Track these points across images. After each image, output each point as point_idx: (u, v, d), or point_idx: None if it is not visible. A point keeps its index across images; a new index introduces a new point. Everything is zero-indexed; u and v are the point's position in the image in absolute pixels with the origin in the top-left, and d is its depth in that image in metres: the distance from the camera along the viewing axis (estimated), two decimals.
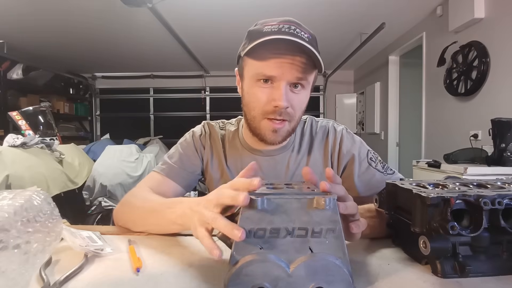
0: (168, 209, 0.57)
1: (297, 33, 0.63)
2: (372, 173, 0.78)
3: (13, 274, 0.35)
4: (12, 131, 2.31)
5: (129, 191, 0.76)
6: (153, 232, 0.63)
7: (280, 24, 0.64)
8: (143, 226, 0.64)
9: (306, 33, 0.65)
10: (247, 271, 0.36)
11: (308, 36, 0.65)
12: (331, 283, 0.36)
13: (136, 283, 0.43)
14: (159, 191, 0.75)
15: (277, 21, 0.65)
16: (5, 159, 1.76)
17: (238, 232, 0.36)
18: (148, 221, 0.63)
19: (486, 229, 0.43)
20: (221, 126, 0.88)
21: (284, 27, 0.64)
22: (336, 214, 0.38)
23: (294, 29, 0.64)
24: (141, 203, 0.67)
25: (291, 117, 0.69)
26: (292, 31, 0.63)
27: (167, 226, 0.58)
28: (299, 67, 0.64)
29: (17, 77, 3.84)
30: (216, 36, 3.60)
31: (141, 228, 0.65)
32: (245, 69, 0.70)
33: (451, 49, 2.64)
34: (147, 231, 0.64)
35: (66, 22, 3.22)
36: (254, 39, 0.63)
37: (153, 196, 0.71)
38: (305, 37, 0.64)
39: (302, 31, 0.65)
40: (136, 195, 0.73)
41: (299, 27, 0.65)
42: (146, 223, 0.64)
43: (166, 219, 0.56)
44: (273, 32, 0.63)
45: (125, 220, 0.69)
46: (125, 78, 5.57)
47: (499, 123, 1.82)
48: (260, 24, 0.68)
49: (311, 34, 0.67)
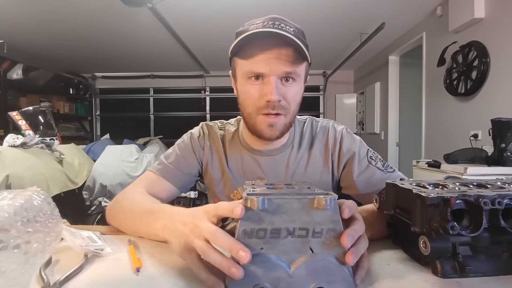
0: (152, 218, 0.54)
1: (282, 28, 0.64)
2: (372, 171, 0.78)
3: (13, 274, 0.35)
4: (12, 131, 2.31)
5: (122, 190, 0.75)
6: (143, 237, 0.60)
7: (265, 21, 0.66)
8: (132, 232, 0.62)
9: (291, 27, 0.66)
10: (248, 271, 0.36)
11: (293, 30, 0.66)
12: (332, 283, 0.36)
13: (136, 283, 0.43)
14: (153, 191, 0.75)
15: (262, 19, 0.67)
16: (5, 159, 1.76)
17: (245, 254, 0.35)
18: (135, 227, 0.61)
19: (486, 229, 0.43)
20: (219, 127, 0.88)
21: (269, 24, 0.65)
22: (337, 214, 0.38)
23: (279, 24, 0.65)
24: (129, 207, 0.65)
25: (285, 110, 0.70)
26: (277, 26, 0.64)
27: (151, 236, 0.56)
28: (286, 61, 0.65)
29: (17, 77, 3.83)
30: (216, 36, 3.60)
31: (130, 233, 0.62)
32: (236, 69, 0.72)
33: (451, 49, 2.64)
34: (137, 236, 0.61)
35: (66, 22, 3.22)
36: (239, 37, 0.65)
37: (144, 198, 0.69)
38: (290, 30, 0.65)
39: (287, 26, 0.66)
40: (127, 196, 0.71)
41: (283, 22, 0.66)
42: (133, 230, 0.61)
43: (148, 227, 0.54)
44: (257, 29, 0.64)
45: (116, 223, 0.67)
46: (125, 78, 5.57)
47: (499, 123, 1.82)
48: (246, 25, 0.69)
49: (297, 28, 0.68)
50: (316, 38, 3.68)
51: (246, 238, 0.37)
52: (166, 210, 0.53)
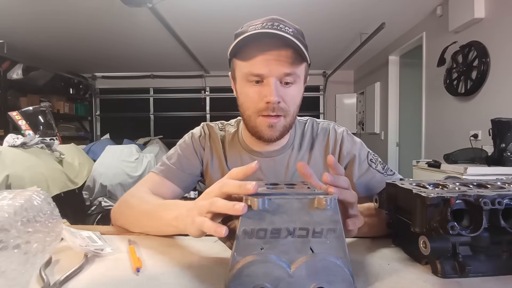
0: (164, 211, 0.57)
1: (281, 29, 0.64)
2: (372, 174, 0.78)
3: (13, 274, 0.35)
4: (12, 131, 2.31)
5: (127, 191, 0.76)
6: (149, 233, 0.63)
7: (263, 23, 0.65)
8: (140, 228, 0.64)
9: (290, 27, 0.66)
10: (248, 271, 0.36)
11: (292, 30, 0.66)
12: (332, 283, 0.36)
13: (136, 283, 0.43)
14: (157, 192, 0.75)
15: (260, 20, 0.67)
16: (5, 159, 1.76)
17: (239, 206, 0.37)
18: (144, 222, 0.63)
19: (486, 229, 0.43)
20: (220, 127, 0.88)
21: (267, 25, 0.65)
22: (337, 214, 0.38)
23: (278, 25, 0.65)
24: (138, 203, 0.67)
25: (285, 112, 0.69)
26: (276, 27, 0.64)
27: (162, 228, 0.58)
28: (285, 62, 0.65)
29: (17, 77, 3.83)
30: (216, 36, 3.60)
31: (137, 229, 0.64)
32: (235, 70, 0.72)
33: (451, 49, 2.64)
34: (144, 232, 0.64)
35: (66, 22, 3.22)
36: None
37: (150, 197, 0.70)
38: (289, 31, 0.64)
39: (286, 26, 0.65)
40: (134, 195, 0.73)
41: (283, 23, 0.66)
42: (142, 224, 0.64)
43: (162, 220, 0.57)
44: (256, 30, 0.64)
45: (123, 221, 0.69)
46: (125, 78, 5.57)
47: (499, 123, 1.82)
48: (245, 26, 0.69)
49: (296, 29, 0.68)
50: (316, 38, 3.68)
51: (246, 238, 0.37)
52: (178, 203, 0.56)
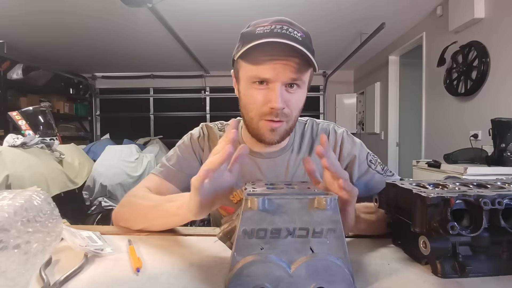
0: (168, 203, 0.60)
1: (290, 33, 0.63)
2: (372, 175, 0.78)
3: (13, 274, 0.35)
4: (12, 131, 2.31)
5: (128, 192, 0.77)
6: (154, 228, 0.64)
7: (272, 25, 0.64)
8: (144, 222, 0.65)
9: (299, 32, 0.65)
10: (248, 271, 0.36)
11: (301, 35, 0.65)
12: (332, 283, 0.36)
13: (136, 283, 0.43)
14: (157, 193, 0.75)
15: (269, 22, 0.65)
16: (5, 159, 1.76)
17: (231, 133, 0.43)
18: (149, 216, 0.64)
19: (486, 229, 0.43)
20: (219, 128, 0.88)
21: (277, 28, 0.63)
22: (337, 214, 0.38)
23: (287, 29, 0.64)
24: (141, 200, 0.69)
25: (288, 117, 0.69)
26: (285, 31, 0.63)
27: (167, 218, 0.61)
28: (293, 68, 0.64)
29: (17, 77, 3.83)
30: (216, 36, 3.60)
31: (142, 224, 0.65)
32: (240, 71, 0.71)
33: (451, 49, 2.64)
34: (148, 228, 0.65)
35: (66, 22, 3.22)
36: (247, 42, 0.63)
37: (152, 195, 0.72)
38: (298, 36, 0.64)
39: (295, 30, 0.64)
40: (136, 194, 0.74)
41: (292, 27, 0.65)
42: (147, 219, 0.65)
43: (167, 212, 0.59)
44: (265, 34, 0.63)
45: (126, 219, 0.69)
46: (125, 78, 5.57)
47: (499, 123, 1.82)
48: (252, 26, 0.67)
49: (305, 32, 0.67)
50: (316, 38, 3.61)
51: (246, 238, 0.37)
52: (182, 194, 0.59)
